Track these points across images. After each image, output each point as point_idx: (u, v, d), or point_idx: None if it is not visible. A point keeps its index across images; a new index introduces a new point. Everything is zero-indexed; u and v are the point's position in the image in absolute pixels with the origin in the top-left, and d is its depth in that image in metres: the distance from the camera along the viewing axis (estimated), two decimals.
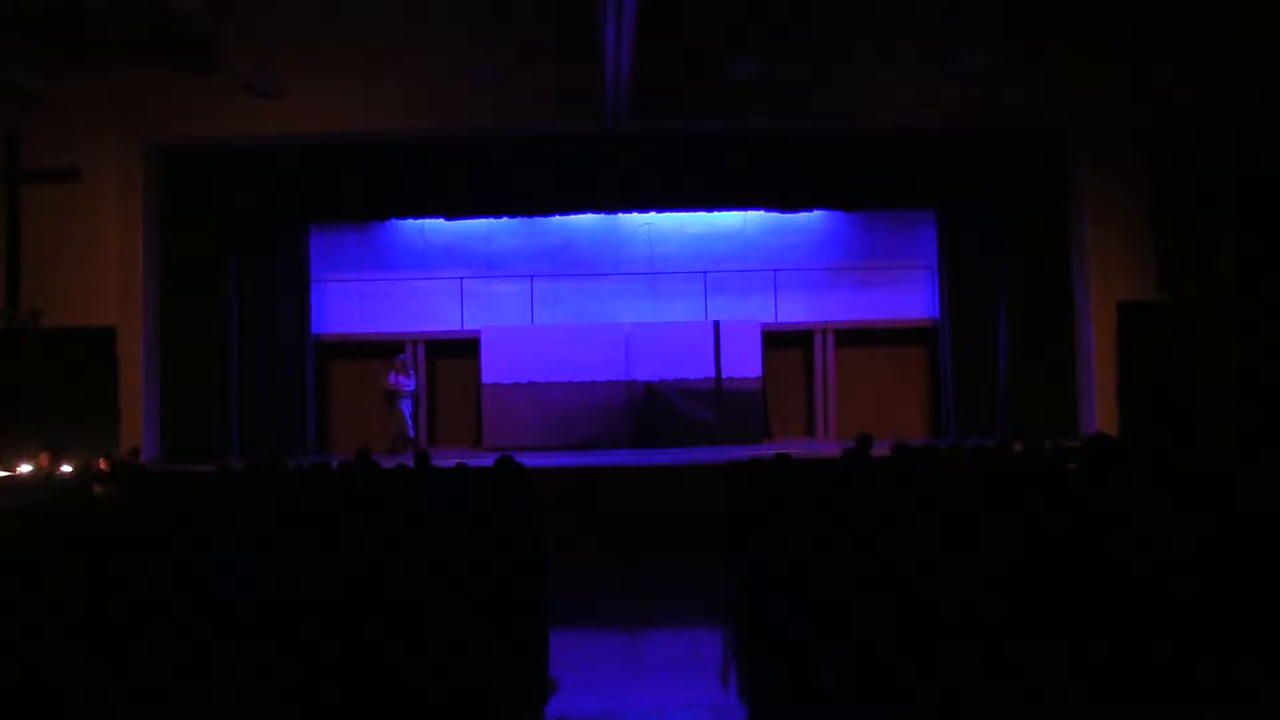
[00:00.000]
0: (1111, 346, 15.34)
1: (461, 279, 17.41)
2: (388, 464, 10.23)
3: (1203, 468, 7.94)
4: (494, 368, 16.66)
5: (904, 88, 15.13)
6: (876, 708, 5.24)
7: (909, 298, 17.43)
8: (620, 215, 17.09)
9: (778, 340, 17.25)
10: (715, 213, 17.07)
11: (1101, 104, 15.32)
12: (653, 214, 17.05)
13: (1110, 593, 4.65)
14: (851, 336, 17.38)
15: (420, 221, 17.19)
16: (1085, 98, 15.32)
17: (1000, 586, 4.90)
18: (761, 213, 17.03)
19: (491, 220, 17.03)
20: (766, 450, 13.16)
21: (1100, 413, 15.29)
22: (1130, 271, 15.40)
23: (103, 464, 11.29)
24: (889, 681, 5.15)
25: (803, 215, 17.12)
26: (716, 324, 16.96)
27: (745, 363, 16.82)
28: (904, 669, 5.06)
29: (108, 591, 4.84)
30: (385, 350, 17.22)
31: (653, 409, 16.74)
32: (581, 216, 17.05)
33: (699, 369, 16.80)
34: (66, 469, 11.82)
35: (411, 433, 16.47)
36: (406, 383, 16.44)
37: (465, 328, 17.28)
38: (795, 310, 17.41)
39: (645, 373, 16.77)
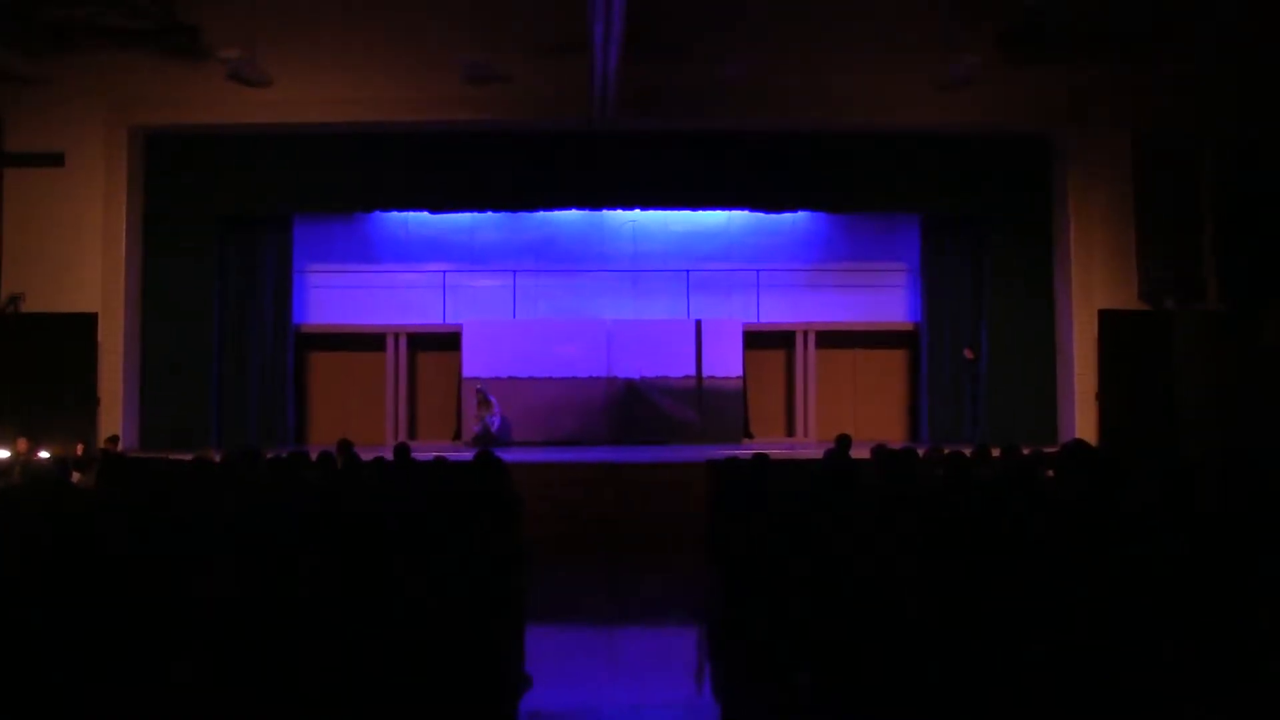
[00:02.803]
0: (1092, 354, 15.41)
1: (444, 272, 17.38)
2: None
3: (1180, 475, 7.98)
4: (475, 362, 16.65)
5: (890, 91, 15.18)
6: (852, 711, 5.25)
7: (891, 300, 17.49)
8: (604, 211, 17.09)
9: (759, 340, 17.30)
10: (699, 211, 17.09)
11: (1087, 111, 15.42)
12: (637, 211, 17.06)
13: (1089, 597, 4.67)
14: (833, 338, 17.43)
15: (404, 214, 17.16)
16: (1071, 104, 15.42)
17: (978, 591, 4.92)
18: (746, 212, 17.06)
19: (475, 214, 17.02)
20: (746, 450, 13.19)
21: (1079, 420, 15.37)
22: (1112, 280, 15.48)
23: (79, 451, 11.24)
24: (865, 685, 5.17)
25: (786, 216, 17.16)
26: (698, 322, 17.00)
27: (726, 362, 16.86)
28: (881, 673, 5.07)
29: (81, 580, 4.82)
30: (367, 342, 17.21)
31: (633, 406, 16.77)
32: (565, 212, 17.05)
33: (680, 367, 16.83)
34: (44, 455, 11.75)
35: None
36: (492, 420, 16.19)
37: (447, 321, 17.26)
38: (777, 310, 17.46)
39: (627, 369, 16.79)
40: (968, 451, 9.59)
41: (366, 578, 5.41)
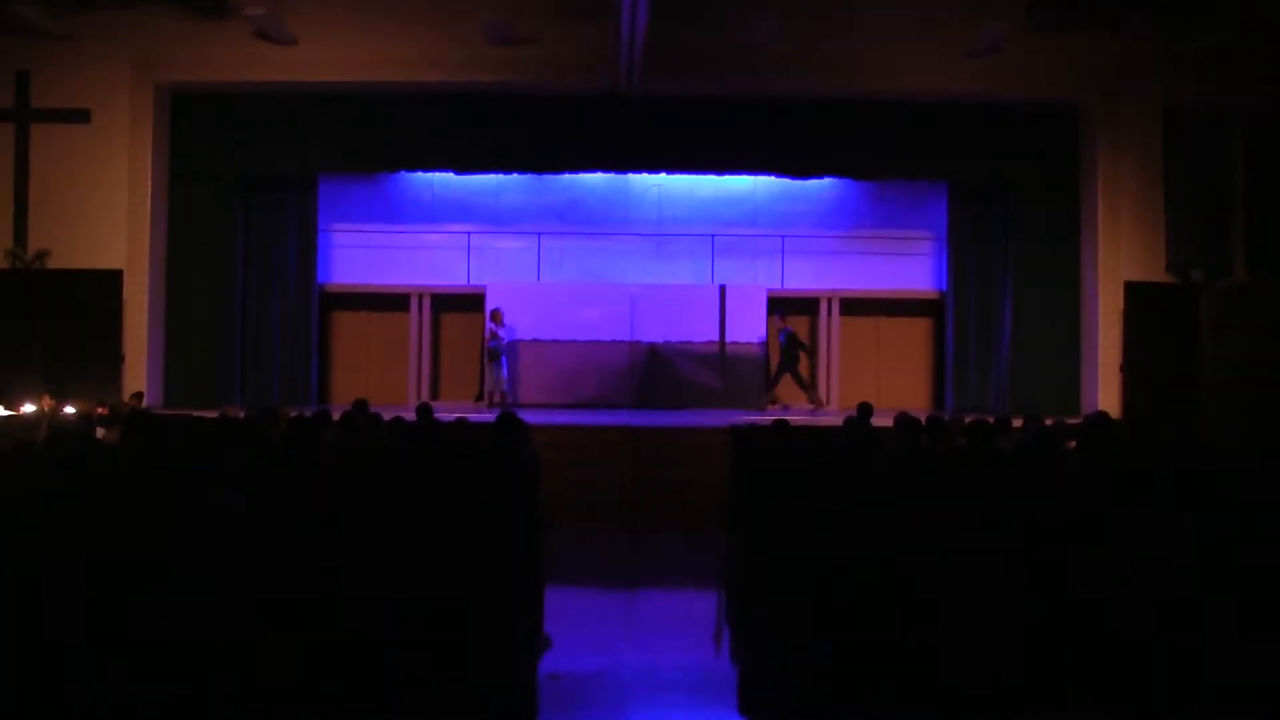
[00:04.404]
0: (1118, 326, 15.30)
1: (469, 234, 17.38)
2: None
3: (1203, 450, 7.93)
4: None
5: (919, 57, 15.04)
6: (868, 679, 5.25)
7: (916, 269, 17.42)
8: (630, 175, 17.04)
9: (783, 306, 17.23)
10: (725, 176, 17.00)
11: (1117, 81, 15.24)
12: (662, 175, 16.99)
13: (1109, 581, 4.63)
14: (857, 306, 17.37)
15: (429, 175, 17.14)
16: (1101, 73, 15.24)
17: (997, 570, 4.90)
18: (772, 178, 16.95)
19: (500, 176, 16.96)
20: (767, 416, 13.17)
21: (1103, 391, 15.28)
22: (1139, 251, 15.35)
23: (101, 409, 11.29)
24: (881, 653, 5.16)
25: (813, 182, 17.05)
26: (722, 288, 16.95)
27: (750, 327, 16.82)
28: (898, 641, 5.06)
29: (105, 536, 4.85)
30: (390, 302, 17.24)
31: (656, 370, 16.76)
32: (591, 175, 16.99)
33: (703, 332, 16.81)
34: (69, 411, 11.83)
35: (507, 387, 16.23)
36: (505, 335, 16.26)
37: (471, 282, 17.27)
38: (802, 277, 17.40)
39: (650, 334, 16.77)
40: (990, 421, 9.55)
41: (386, 537, 5.43)
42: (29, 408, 12.26)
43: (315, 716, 4.90)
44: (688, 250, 17.40)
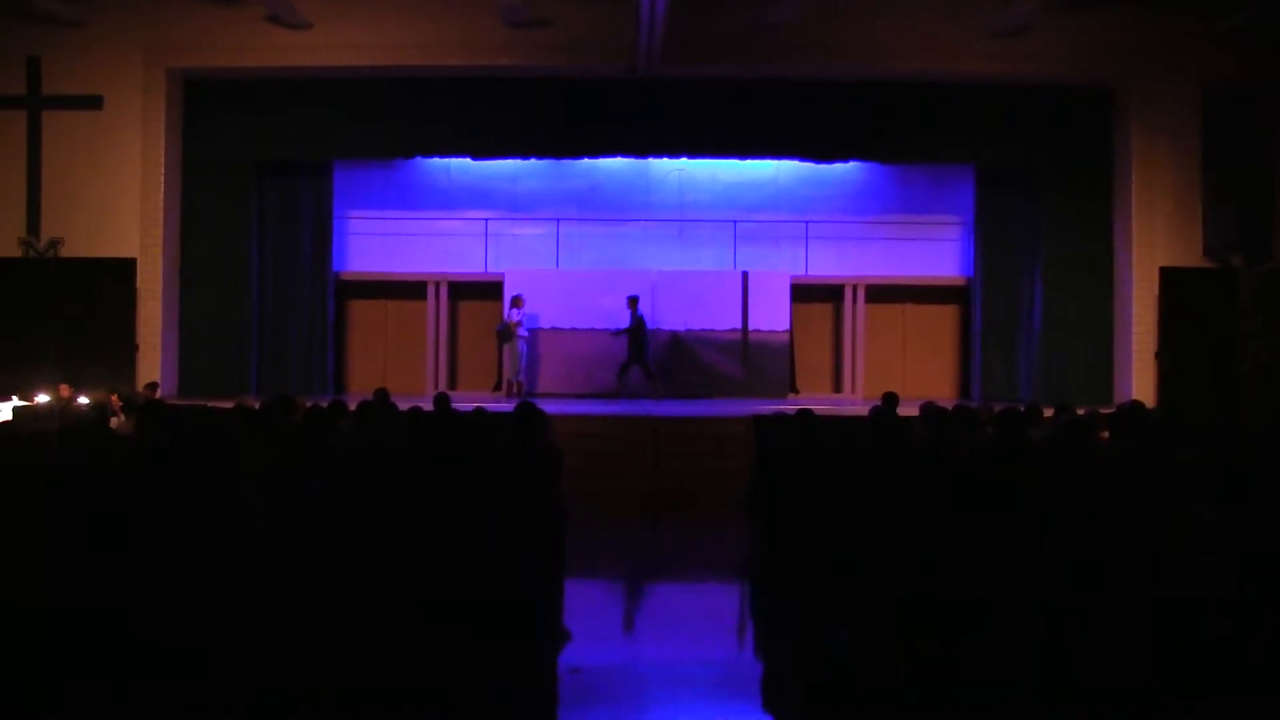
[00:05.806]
0: (1153, 313, 15.05)
1: (486, 220, 17.23)
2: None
3: (1241, 441, 7.72)
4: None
5: (945, 38, 14.82)
6: (892, 670, 5.16)
7: (943, 255, 17.17)
8: (650, 160, 16.84)
9: (807, 293, 17.06)
10: (747, 161, 16.77)
11: (1152, 61, 14.96)
12: (683, 160, 16.79)
13: (1142, 577, 4.49)
14: (883, 292, 17.16)
15: (446, 161, 16.99)
16: (1136, 52, 14.97)
17: (1022, 554, 4.77)
18: (795, 163, 16.70)
19: (518, 161, 16.78)
20: (791, 405, 13.00)
21: (1137, 380, 15.02)
22: (1175, 236, 15.09)
23: (114, 399, 11.21)
24: (905, 645, 5.07)
25: (837, 167, 16.81)
26: (745, 274, 16.77)
27: (773, 315, 16.64)
28: (921, 633, 4.97)
29: (118, 528, 4.76)
30: (407, 290, 17.12)
31: (678, 359, 16.59)
32: (610, 160, 16.80)
33: (726, 320, 16.63)
34: (84, 400, 11.75)
35: (524, 376, 16.12)
36: (526, 321, 16.10)
37: (489, 270, 17.12)
38: (826, 263, 17.20)
39: (671, 322, 16.61)
40: (1020, 411, 9.35)
41: (407, 530, 5.36)
42: (43, 398, 12.18)
43: (331, 712, 4.85)
44: (710, 236, 17.21)
